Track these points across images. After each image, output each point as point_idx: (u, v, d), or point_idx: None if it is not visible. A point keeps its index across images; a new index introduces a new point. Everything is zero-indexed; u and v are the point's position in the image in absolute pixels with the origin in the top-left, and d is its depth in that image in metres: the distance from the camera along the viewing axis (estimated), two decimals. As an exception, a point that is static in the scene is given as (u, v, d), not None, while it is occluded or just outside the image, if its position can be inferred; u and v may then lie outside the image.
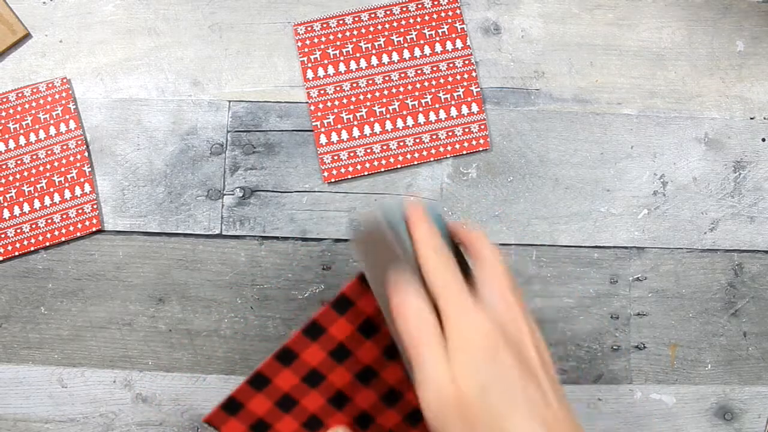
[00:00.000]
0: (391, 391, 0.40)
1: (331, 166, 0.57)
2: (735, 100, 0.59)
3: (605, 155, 0.58)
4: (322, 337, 0.39)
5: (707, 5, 0.60)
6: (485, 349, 0.30)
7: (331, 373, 0.39)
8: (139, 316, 0.57)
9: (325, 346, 0.39)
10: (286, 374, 0.39)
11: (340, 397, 0.40)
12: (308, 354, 0.39)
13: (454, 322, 0.31)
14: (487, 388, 0.29)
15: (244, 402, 0.39)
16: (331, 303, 0.38)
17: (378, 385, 0.40)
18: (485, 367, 0.30)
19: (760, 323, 0.58)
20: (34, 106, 0.57)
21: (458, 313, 0.31)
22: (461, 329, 0.30)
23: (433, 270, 0.32)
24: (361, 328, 0.38)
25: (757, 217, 0.59)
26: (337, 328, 0.38)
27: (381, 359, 0.39)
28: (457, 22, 0.58)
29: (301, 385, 0.40)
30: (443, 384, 0.30)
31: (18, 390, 0.56)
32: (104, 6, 0.58)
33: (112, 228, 0.57)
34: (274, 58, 0.58)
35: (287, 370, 0.39)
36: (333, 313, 0.38)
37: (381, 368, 0.39)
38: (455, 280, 0.32)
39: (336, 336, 0.38)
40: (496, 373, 0.30)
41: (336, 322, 0.38)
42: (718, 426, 0.58)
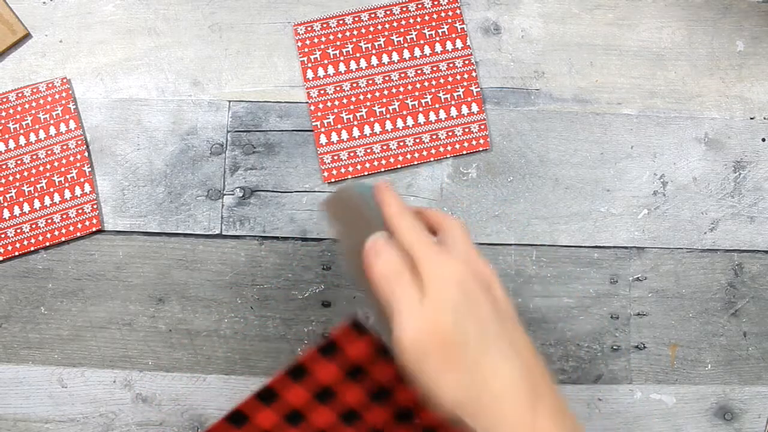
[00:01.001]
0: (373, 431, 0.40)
1: (331, 166, 0.57)
2: (735, 100, 0.59)
3: (605, 155, 0.58)
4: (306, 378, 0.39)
5: (707, 5, 0.60)
6: (458, 285, 0.32)
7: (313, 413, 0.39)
8: (139, 316, 0.57)
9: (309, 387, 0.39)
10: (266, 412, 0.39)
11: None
12: (290, 394, 0.39)
13: (427, 264, 0.32)
14: (462, 321, 0.31)
15: (249, 414, 0.39)
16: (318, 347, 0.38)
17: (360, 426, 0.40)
18: (459, 302, 0.31)
19: (760, 323, 0.58)
20: (34, 106, 0.57)
21: (430, 258, 0.32)
22: (434, 270, 0.32)
23: (403, 227, 0.34)
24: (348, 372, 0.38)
25: (757, 217, 0.59)
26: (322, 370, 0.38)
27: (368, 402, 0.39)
28: (457, 22, 0.58)
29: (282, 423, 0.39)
30: (420, 320, 0.31)
31: (18, 390, 0.56)
32: (104, 6, 0.58)
33: (112, 228, 0.57)
34: (274, 58, 0.58)
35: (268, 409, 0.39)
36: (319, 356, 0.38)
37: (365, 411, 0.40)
38: (424, 233, 0.34)
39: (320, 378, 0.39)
40: (470, 307, 0.31)
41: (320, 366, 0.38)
42: (718, 426, 0.58)
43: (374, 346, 0.38)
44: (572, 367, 0.57)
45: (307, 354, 0.38)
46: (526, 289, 0.57)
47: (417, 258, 0.33)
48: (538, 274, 0.58)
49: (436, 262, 0.32)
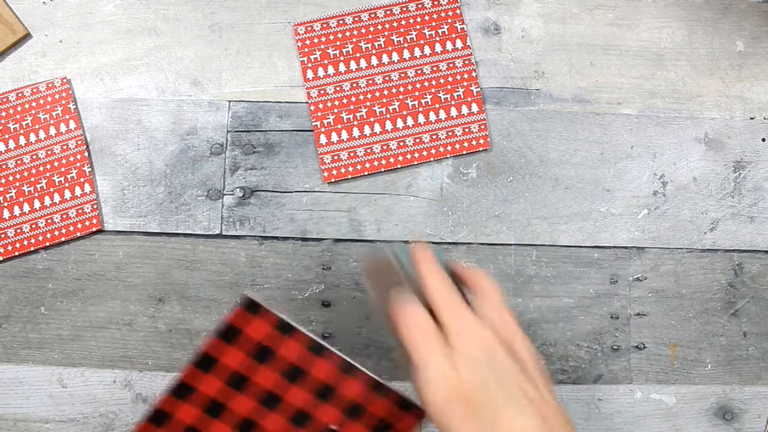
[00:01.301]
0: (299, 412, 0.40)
1: (331, 166, 0.57)
2: (735, 100, 0.59)
3: (605, 155, 0.58)
4: (215, 366, 0.39)
5: (707, 5, 0.60)
6: (484, 350, 0.33)
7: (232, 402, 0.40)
8: (139, 316, 0.57)
9: (221, 375, 0.39)
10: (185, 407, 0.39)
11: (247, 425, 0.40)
12: (204, 385, 0.39)
13: (455, 328, 0.34)
14: (487, 382, 0.33)
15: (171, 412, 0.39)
16: (216, 333, 0.38)
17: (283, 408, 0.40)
18: (485, 365, 0.33)
19: (760, 323, 0.58)
20: (34, 106, 0.57)
21: (458, 321, 0.34)
22: (462, 333, 0.34)
23: (435, 289, 0.36)
24: (253, 355, 0.39)
25: (757, 217, 0.59)
26: (228, 356, 0.39)
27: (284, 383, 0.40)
28: (457, 22, 0.58)
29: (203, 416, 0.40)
30: (447, 380, 0.33)
31: (18, 390, 0.56)
32: (104, 6, 0.58)
33: (112, 228, 0.57)
34: (274, 58, 0.58)
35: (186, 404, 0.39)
36: (221, 342, 0.39)
37: (284, 393, 0.40)
38: (456, 297, 0.36)
39: (229, 365, 0.39)
40: (495, 369, 0.33)
41: (226, 352, 0.39)
42: (718, 426, 0.58)
43: (274, 324, 0.38)
44: (572, 367, 0.57)
45: (209, 343, 0.38)
46: (526, 289, 0.57)
47: (446, 318, 0.35)
48: (538, 274, 0.58)
49: (465, 325, 0.34)
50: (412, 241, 0.39)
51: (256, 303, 0.38)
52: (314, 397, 0.40)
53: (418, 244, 0.38)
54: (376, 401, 0.40)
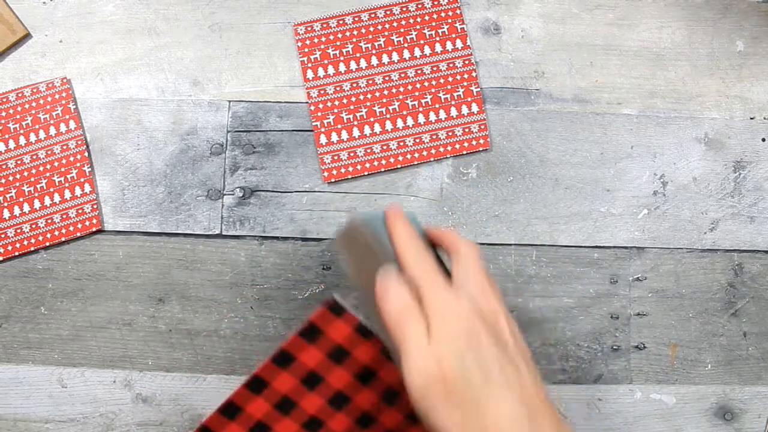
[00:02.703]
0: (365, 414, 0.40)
1: (331, 166, 0.57)
2: (735, 100, 0.59)
3: (605, 155, 0.58)
4: (293, 364, 0.39)
5: (707, 5, 0.60)
6: (464, 330, 0.32)
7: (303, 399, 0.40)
8: (139, 316, 0.57)
9: (296, 373, 0.39)
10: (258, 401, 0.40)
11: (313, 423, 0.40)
12: (279, 382, 0.39)
13: (434, 305, 0.33)
14: (467, 364, 0.32)
15: (242, 405, 0.40)
16: (298, 331, 0.38)
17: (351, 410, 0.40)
18: (465, 346, 0.32)
19: (760, 323, 0.58)
20: (34, 106, 0.57)
21: (437, 298, 0.33)
22: (441, 312, 0.33)
23: (412, 262, 0.35)
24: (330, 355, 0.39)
25: (757, 217, 0.59)
26: (306, 355, 0.39)
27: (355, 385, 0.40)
28: (457, 22, 0.58)
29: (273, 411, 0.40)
30: (426, 361, 0.32)
31: (18, 390, 0.56)
32: (104, 6, 0.58)
33: (112, 228, 0.57)
34: (274, 58, 0.58)
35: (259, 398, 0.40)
36: (301, 341, 0.39)
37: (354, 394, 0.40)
38: (432, 270, 0.34)
39: (306, 363, 0.39)
40: (475, 351, 0.32)
41: (304, 351, 0.39)
42: (718, 426, 0.58)
43: (354, 327, 0.38)
44: (572, 367, 0.57)
45: (290, 340, 0.38)
46: (526, 289, 0.57)
47: (423, 296, 0.33)
48: (538, 274, 0.58)
49: (442, 301, 0.33)
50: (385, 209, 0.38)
51: (340, 306, 0.38)
52: (381, 400, 0.40)
53: (391, 211, 0.37)
54: None
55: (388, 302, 0.34)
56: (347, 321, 0.38)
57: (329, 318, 0.38)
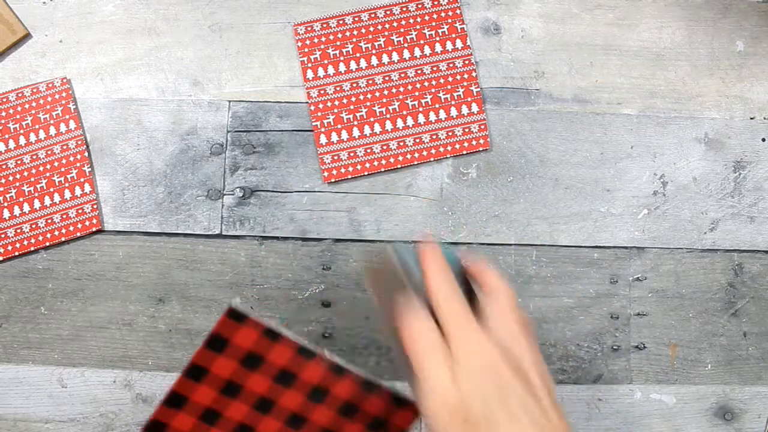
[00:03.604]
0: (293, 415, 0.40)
1: (331, 166, 0.57)
2: (735, 100, 0.59)
3: (605, 155, 0.58)
4: (207, 376, 0.39)
5: (707, 5, 0.60)
6: (488, 366, 0.32)
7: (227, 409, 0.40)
8: (139, 316, 0.57)
9: (214, 385, 0.39)
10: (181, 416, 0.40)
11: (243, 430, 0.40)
12: (197, 395, 0.39)
13: (460, 341, 0.33)
14: (489, 400, 0.32)
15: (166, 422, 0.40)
16: (204, 343, 0.38)
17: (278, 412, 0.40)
18: (487, 382, 0.32)
19: (760, 323, 0.58)
20: (34, 106, 0.57)
21: (463, 334, 0.33)
22: (466, 347, 0.33)
23: (442, 298, 0.34)
24: (243, 362, 0.39)
25: (757, 217, 0.59)
26: (218, 366, 0.39)
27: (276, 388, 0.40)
28: (457, 22, 0.58)
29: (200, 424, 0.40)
30: (448, 395, 0.32)
31: (18, 390, 0.56)
32: (104, 6, 0.58)
33: (112, 228, 0.57)
34: (274, 58, 0.58)
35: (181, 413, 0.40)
36: (209, 352, 0.39)
37: (278, 397, 0.40)
38: (462, 306, 0.34)
39: (221, 374, 0.39)
40: (498, 387, 0.32)
41: (216, 362, 0.39)
42: (718, 426, 0.58)
43: (261, 332, 0.38)
44: (572, 367, 0.57)
45: (198, 352, 0.38)
46: (526, 289, 0.57)
47: (451, 333, 0.33)
48: (538, 274, 0.58)
49: (469, 341, 0.33)
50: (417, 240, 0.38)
51: (240, 312, 0.38)
52: (307, 400, 0.40)
53: (424, 243, 0.37)
54: (370, 399, 0.40)
55: (413, 334, 0.34)
56: (252, 326, 0.38)
57: (232, 326, 0.38)
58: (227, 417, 0.40)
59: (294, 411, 0.40)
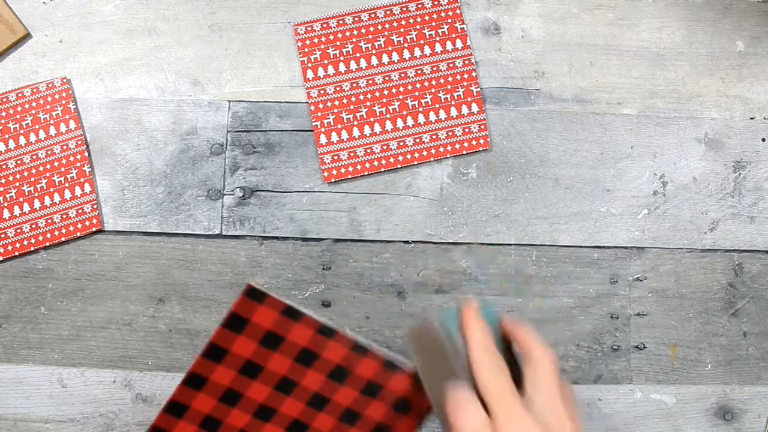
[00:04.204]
0: (316, 396, 0.40)
1: (331, 166, 0.57)
2: (735, 100, 0.59)
3: (605, 155, 0.58)
4: (226, 357, 0.39)
5: (707, 5, 0.60)
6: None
7: (248, 389, 0.39)
8: (139, 316, 0.57)
9: (233, 365, 0.39)
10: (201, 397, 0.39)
11: (265, 411, 0.40)
12: (217, 375, 0.39)
13: (504, 425, 0.34)
14: None
15: (186, 403, 0.40)
16: (223, 323, 0.38)
17: (300, 393, 0.40)
18: None
19: (760, 323, 0.58)
20: (34, 106, 0.57)
21: (507, 415, 0.34)
22: (509, 429, 0.34)
23: (485, 374, 0.35)
24: (263, 342, 0.39)
25: (757, 217, 0.59)
26: (238, 346, 0.38)
27: (298, 368, 0.39)
28: (457, 22, 0.58)
29: (220, 405, 0.39)
30: None
31: (18, 390, 0.56)
32: (104, 6, 0.58)
33: (112, 228, 0.57)
34: (274, 58, 0.58)
35: (201, 393, 0.39)
36: (228, 332, 0.38)
37: (299, 378, 0.39)
38: (505, 383, 0.35)
39: (240, 354, 0.39)
40: None
41: (235, 342, 0.38)
42: (718, 426, 0.58)
43: (280, 310, 0.38)
44: (572, 367, 0.57)
45: (216, 333, 0.38)
46: (526, 289, 0.57)
47: (493, 411, 0.34)
48: (538, 274, 0.58)
49: (511, 420, 0.34)
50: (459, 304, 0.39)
51: (259, 291, 0.37)
52: (329, 380, 0.39)
53: (467, 313, 0.38)
54: (393, 379, 0.39)
55: (459, 419, 0.35)
56: (272, 306, 0.38)
57: (251, 305, 0.37)
58: (248, 397, 0.39)
59: (316, 391, 0.40)
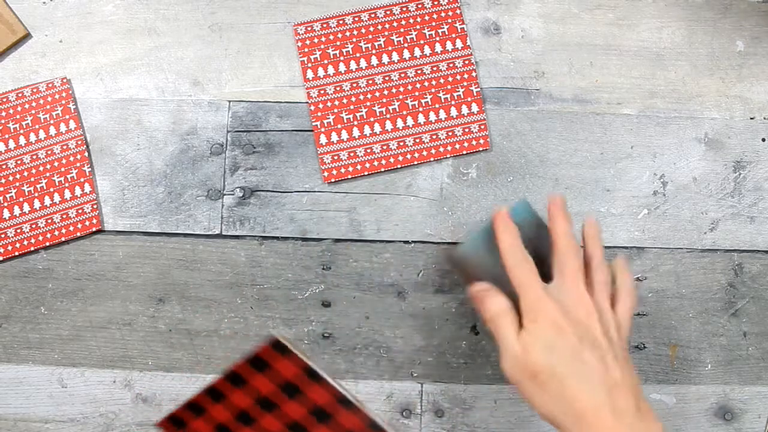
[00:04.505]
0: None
1: (331, 166, 0.57)
2: (735, 100, 0.59)
3: (605, 155, 0.58)
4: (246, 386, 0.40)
5: (707, 5, 0.60)
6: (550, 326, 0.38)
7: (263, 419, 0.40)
8: (139, 316, 0.57)
9: (251, 394, 0.40)
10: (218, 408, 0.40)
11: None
12: (235, 396, 0.40)
13: (527, 304, 0.39)
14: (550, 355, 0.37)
15: (186, 421, 0.41)
16: (246, 359, 0.39)
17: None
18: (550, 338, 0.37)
19: (760, 323, 0.58)
20: (34, 106, 0.57)
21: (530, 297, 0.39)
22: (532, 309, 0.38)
23: (512, 269, 0.40)
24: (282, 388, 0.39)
25: (757, 217, 0.59)
26: (258, 381, 0.39)
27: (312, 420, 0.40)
28: (457, 22, 0.58)
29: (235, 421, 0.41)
30: (517, 354, 0.38)
31: (18, 390, 0.56)
32: (104, 6, 0.58)
33: (112, 228, 0.57)
34: (274, 58, 0.58)
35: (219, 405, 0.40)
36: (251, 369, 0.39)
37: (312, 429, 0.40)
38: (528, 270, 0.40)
39: (259, 388, 0.40)
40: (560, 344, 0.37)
41: (256, 378, 0.39)
42: (718, 426, 0.58)
43: (302, 368, 0.39)
44: (572, 367, 0.57)
45: (240, 365, 0.39)
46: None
47: (520, 295, 0.39)
48: (538, 274, 0.57)
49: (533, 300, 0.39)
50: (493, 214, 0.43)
51: (283, 345, 0.38)
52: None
53: (498, 217, 0.42)
54: None
55: (486, 309, 0.40)
56: (294, 362, 0.39)
57: (275, 355, 0.38)
58: (262, 426, 0.40)
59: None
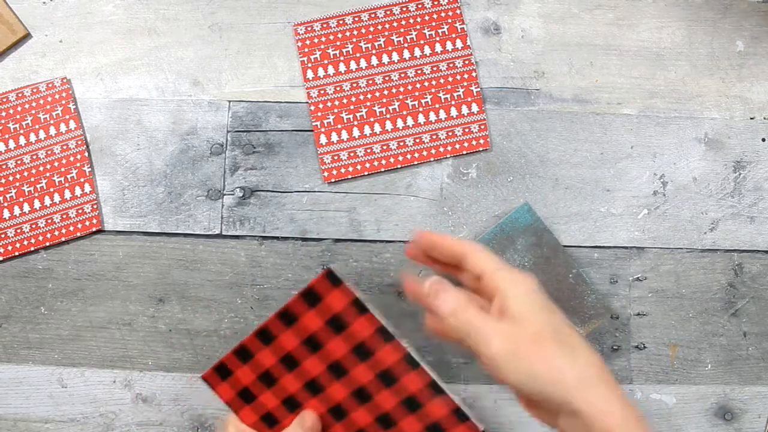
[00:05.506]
0: (361, 389, 0.41)
1: (331, 166, 0.57)
2: (735, 100, 0.59)
3: (605, 155, 0.58)
4: (296, 324, 0.41)
5: (707, 5, 0.60)
6: (535, 291, 0.37)
7: (306, 360, 0.42)
8: (139, 316, 0.57)
9: (298, 333, 0.41)
10: (266, 352, 0.42)
11: (315, 385, 0.42)
12: (284, 338, 0.41)
13: (502, 280, 0.37)
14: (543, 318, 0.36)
15: (232, 369, 0.43)
16: (300, 293, 0.40)
17: (349, 381, 0.42)
18: (539, 304, 0.36)
19: (760, 323, 0.58)
20: (34, 106, 0.57)
21: (504, 273, 0.37)
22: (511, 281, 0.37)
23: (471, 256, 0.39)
24: (329, 323, 0.41)
25: (757, 217, 0.59)
26: (308, 318, 0.41)
27: (351, 358, 0.41)
28: (457, 22, 0.58)
29: (279, 365, 0.42)
30: (504, 329, 0.35)
31: (18, 390, 0.56)
32: (104, 6, 0.58)
33: (112, 228, 0.57)
34: (274, 58, 0.58)
35: (267, 349, 0.42)
36: (303, 303, 0.41)
37: (351, 367, 0.41)
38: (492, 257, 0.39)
39: (308, 326, 0.41)
40: (548, 307, 0.36)
41: (306, 314, 0.41)
42: (718, 426, 0.58)
43: (351, 299, 0.40)
44: (572, 367, 0.57)
45: (293, 301, 0.41)
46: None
47: (486, 275, 0.37)
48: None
49: (510, 275, 0.37)
50: None
51: (337, 276, 0.40)
52: (377, 380, 0.41)
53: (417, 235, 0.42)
54: (434, 402, 0.40)
55: (442, 304, 0.37)
56: (345, 292, 0.40)
57: (328, 286, 0.40)
58: (304, 368, 0.42)
59: (363, 385, 0.41)
